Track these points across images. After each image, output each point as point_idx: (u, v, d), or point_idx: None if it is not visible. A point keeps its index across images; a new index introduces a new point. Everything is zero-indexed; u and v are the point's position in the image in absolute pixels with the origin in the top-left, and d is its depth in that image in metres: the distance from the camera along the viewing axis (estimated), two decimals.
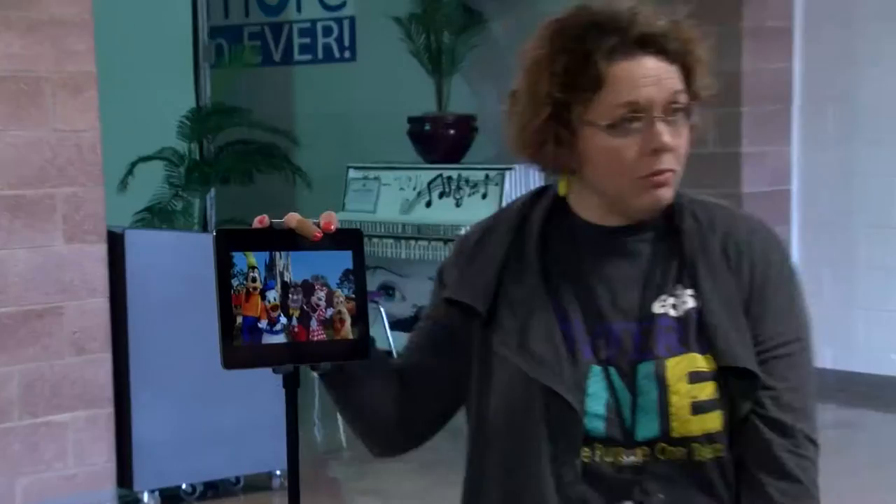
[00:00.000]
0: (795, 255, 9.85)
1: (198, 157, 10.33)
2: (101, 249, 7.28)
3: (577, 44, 2.46)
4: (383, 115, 11.58)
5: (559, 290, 2.57)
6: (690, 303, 2.53)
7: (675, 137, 2.49)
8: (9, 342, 7.00)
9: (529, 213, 2.63)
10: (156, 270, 7.42)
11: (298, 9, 12.87)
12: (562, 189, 2.62)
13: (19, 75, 7.00)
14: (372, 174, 10.97)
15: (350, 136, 12.10)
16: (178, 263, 7.32)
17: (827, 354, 9.78)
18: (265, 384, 2.46)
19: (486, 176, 10.40)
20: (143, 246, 7.54)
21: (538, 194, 2.66)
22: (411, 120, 11.06)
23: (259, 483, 7.73)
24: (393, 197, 10.86)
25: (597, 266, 2.58)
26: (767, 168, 9.91)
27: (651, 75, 2.47)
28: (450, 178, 10.36)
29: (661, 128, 2.46)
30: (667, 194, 2.53)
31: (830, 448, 9.69)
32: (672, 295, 2.55)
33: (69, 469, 7.22)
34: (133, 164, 9.75)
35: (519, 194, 2.88)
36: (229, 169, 10.47)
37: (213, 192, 10.48)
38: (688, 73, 2.51)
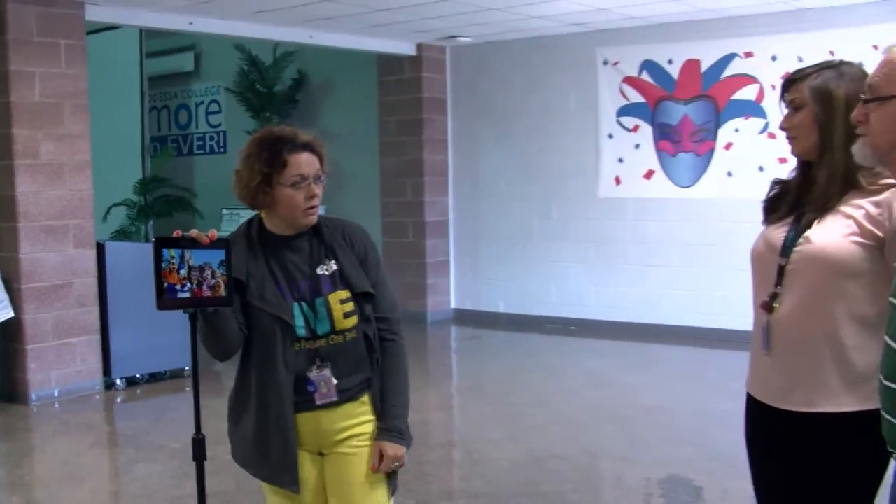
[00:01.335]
0: (452, 254, 10.00)
1: (143, 204, 9.98)
2: (93, 253, 7.16)
3: (271, 146, 2.54)
4: None
5: (273, 268, 2.60)
6: (334, 266, 2.62)
7: (319, 190, 2.57)
8: (45, 300, 6.93)
9: (249, 231, 2.63)
10: (122, 264, 7.26)
11: (196, 126, 12.29)
12: (264, 216, 2.64)
13: (52, 162, 6.92)
14: (236, 212, 10.38)
15: (224, 192, 11.54)
16: (134, 260, 7.18)
17: (465, 301, 10.00)
18: (181, 319, 2.45)
19: None
20: (116, 251, 7.36)
21: (250, 221, 2.65)
22: None
23: (177, 374, 7.53)
24: None
25: (286, 254, 2.62)
26: (437, 208, 9.82)
27: (307, 161, 2.56)
28: None
29: (314, 186, 2.56)
30: (315, 218, 2.61)
31: (469, 349, 9.86)
32: (324, 264, 2.62)
33: (77, 367, 7.11)
34: (110, 208, 9.50)
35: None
36: (160, 210, 10.07)
37: (151, 222, 10.05)
38: (321, 161, 2.59)
